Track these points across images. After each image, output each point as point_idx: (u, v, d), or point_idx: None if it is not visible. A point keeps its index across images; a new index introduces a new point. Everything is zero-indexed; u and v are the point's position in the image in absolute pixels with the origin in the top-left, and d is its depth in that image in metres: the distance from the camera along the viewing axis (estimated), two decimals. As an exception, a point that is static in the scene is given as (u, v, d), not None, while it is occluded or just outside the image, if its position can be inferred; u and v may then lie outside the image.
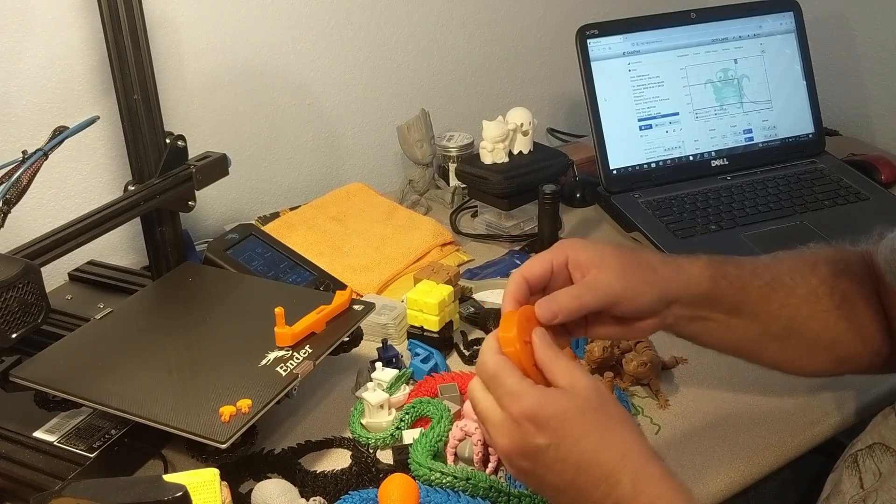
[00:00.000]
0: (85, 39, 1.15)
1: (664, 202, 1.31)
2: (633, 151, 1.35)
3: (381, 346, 0.98)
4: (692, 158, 1.38)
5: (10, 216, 0.83)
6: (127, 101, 0.98)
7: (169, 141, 1.01)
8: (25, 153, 0.85)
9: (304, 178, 1.45)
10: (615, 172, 1.34)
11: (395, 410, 0.91)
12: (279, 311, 0.85)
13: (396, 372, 0.92)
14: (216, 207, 1.36)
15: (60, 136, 0.88)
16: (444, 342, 1.02)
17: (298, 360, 0.84)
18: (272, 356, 0.85)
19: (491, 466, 0.82)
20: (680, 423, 0.91)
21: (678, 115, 1.37)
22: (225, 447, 0.74)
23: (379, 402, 0.89)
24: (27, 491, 0.78)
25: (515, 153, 1.28)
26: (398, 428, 0.87)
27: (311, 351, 0.86)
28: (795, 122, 1.43)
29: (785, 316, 0.77)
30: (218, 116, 1.32)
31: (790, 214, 1.28)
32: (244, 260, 1.08)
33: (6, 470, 0.81)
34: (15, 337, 0.79)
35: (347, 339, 0.92)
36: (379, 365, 0.95)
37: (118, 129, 1.01)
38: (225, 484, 0.75)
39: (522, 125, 1.27)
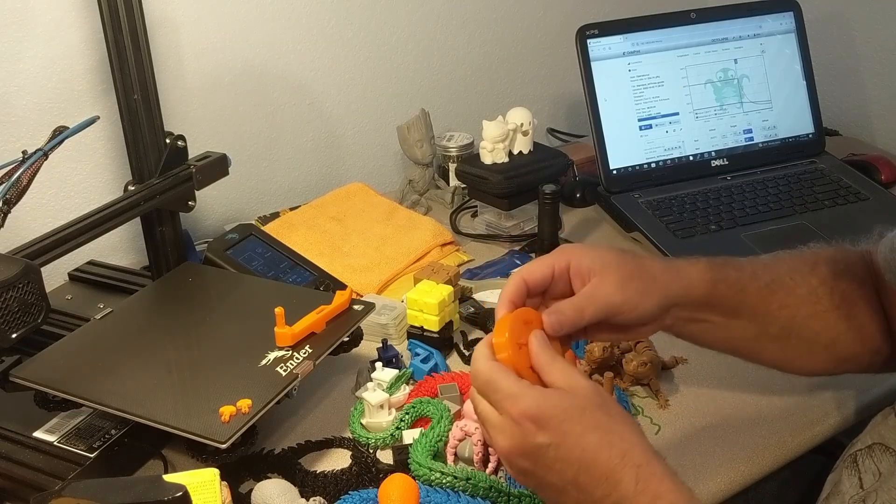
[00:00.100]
0: (85, 39, 1.15)
1: (664, 202, 1.31)
2: (633, 151, 1.34)
3: (381, 346, 0.98)
4: (692, 158, 1.38)
5: (10, 216, 0.83)
6: (127, 101, 0.98)
7: (169, 141, 1.01)
8: (25, 153, 0.85)
9: (304, 178, 1.45)
10: (615, 172, 1.34)
11: (395, 410, 0.90)
12: (279, 311, 0.85)
13: (396, 372, 0.92)
14: (216, 207, 1.36)
15: (60, 136, 0.88)
16: (444, 342, 1.02)
17: (298, 360, 0.84)
18: (272, 356, 0.85)
19: (491, 466, 0.82)
20: (680, 423, 0.91)
21: (678, 115, 1.37)
22: (225, 447, 0.74)
23: (379, 402, 0.89)
24: (27, 491, 0.78)
25: (515, 153, 1.28)
26: (398, 428, 0.87)
27: (311, 351, 0.86)
28: (795, 122, 1.43)
29: (784, 317, 0.77)
30: (218, 116, 1.32)
31: (790, 214, 1.28)
32: (244, 260, 1.08)
33: (6, 470, 0.81)
34: (15, 337, 0.79)
35: (347, 339, 0.92)
36: (379, 365, 0.95)
37: (118, 129, 1.01)
38: (225, 484, 0.75)
39: (522, 125, 1.27)
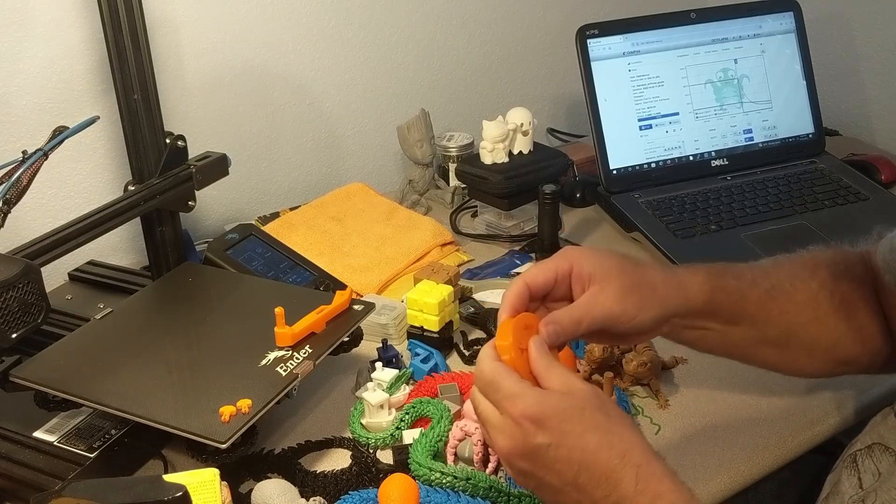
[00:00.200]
0: (85, 39, 1.15)
1: (664, 202, 1.31)
2: (633, 151, 1.34)
3: (381, 346, 0.98)
4: (692, 158, 1.38)
5: (10, 216, 0.83)
6: (127, 101, 0.98)
7: (169, 141, 1.01)
8: (25, 153, 0.85)
9: (304, 178, 1.45)
10: (615, 172, 1.34)
11: (395, 410, 0.90)
12: (279, 311, 0.85)
13: (396, 372, 0.92)
14: (216, 207, 1.36)
15: (60, 136, 0.88)
16: (444, 342, 1.02)
17: (298, 360, 0.84)
18: (272, 356, 0.85)
19: (491, 466, 0.82)
20: (680, 423, 0.91)
21: (678, 115, 1.37)
22: (225, 447, 0.74)
23: (379, 402, 0.89)
24: (27, 491, 0.78)
25: (515, 153, 1.28)
26: (398, 428, 0.87)
27: (311, 351, 0.86)
28: (795, 122, 1.43)
29: (784, 322, 0.77)
30: (218, 116, 1.32)
31: (790, 214, 1.28)
32: (244, 260, 1.08)
33: (6, 470, 0.81)
34: (15, 337, 0.79)
35: (347, 339, 0.92)
36: (379, 365, 0.95)
37: (118, 129, 1.01)
38: (225, 484, 0.75)
39: (522, 125, 1.27)
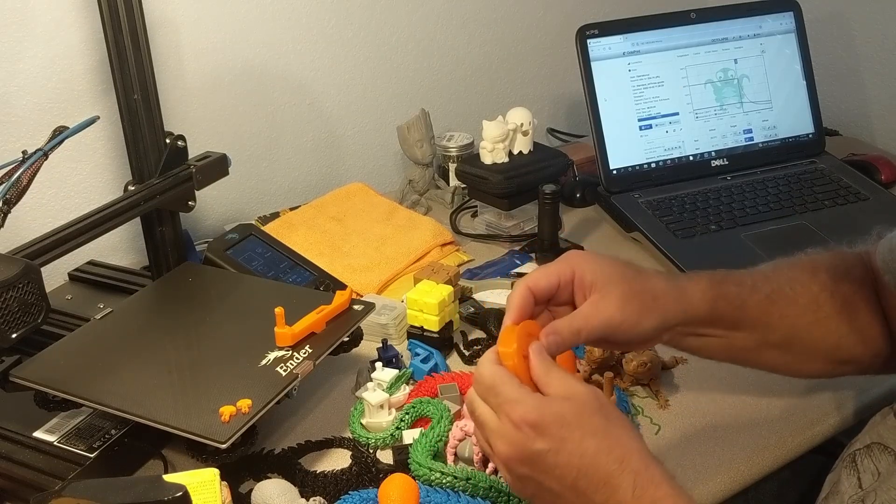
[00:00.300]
0: (85, 39, 1.15)
1: (664, 202, 1.31)
2: (633, 151, 1.34)
3: (381, 346, 0.98)
4: (692, 158, 1.38)
5: (10, 216, 0.83)
6: (127, 101, 0.98)
7: (169, 141, 1.01)
8: (25, 153, 0.85)
9: (304, 178, 1.45)
10: (615, 172, 1.33)
11: (395, 410, 0.90)
12: (279, 311, 0.85)
13: (396, 372, 0.92)
14: (216, 207, 1.36)
15: (60, 136, 0.88)
16: (444, 342, 1.02)
17: (298, 360, 0.84)
18: (272, 356, 0.85)
19: (491, 466, 0.82)
20: (680, 423, 0.91)
21: (678, 115, 1.37)
22: (225, 447, 0.74)
23: (379, 402, 0.89)
24: (27, 491, 0.78)
25: (515, 153, 1.28)
26: (398, 428, 0.87)
27: (311, 351, 0.86)
28: (795, 122, 1.43)
29: (785, 326, 0.77)
30: (218, 116, 1.32)
31: (790, 214, 1.28)
32: (244, 260, 1.08)
33: (6, 470, 0.81)
34: (15, 337, 0.79)
35: (347, 339, 0.92)
36: (379, 365, 0.95)
37: (118, 129, 1.01)
38: (225, 484, 0.75)
39: (522, 125, 1.27)
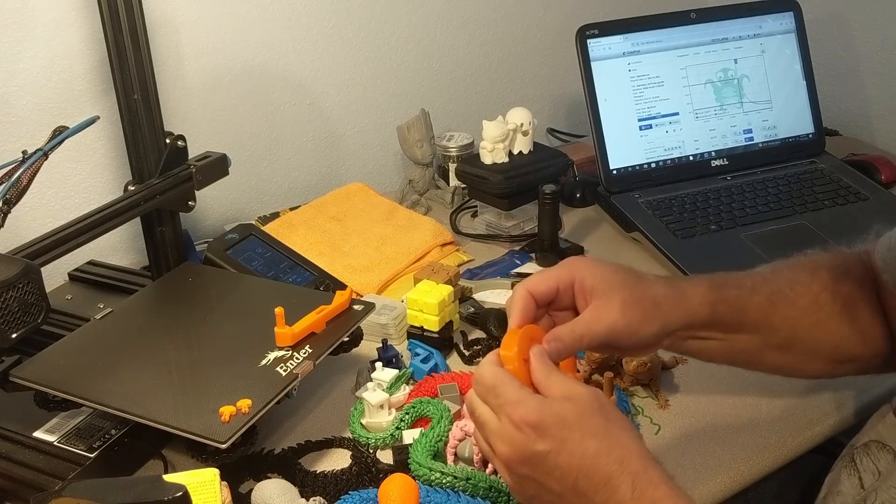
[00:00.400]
0: (85, 39, 1.15)
1: (664, 202, 1.31)
2: (633, 151, 1.34)
3: (381, 346, 0.98)
4: (692, 158, 1.38)
5: (10, 216, 0.83)
6: (127, 101, 0.98)
7: (169, 141, 1.01)
8: (25, 153, 0.85)
9: (304, 178, 1.45)
10: (615, 172, 1.33)
11: (395, 410, 0.90)
12: (279, 311, 0.85)
13: (396, 372, 0.92)
14: (216, 207, 1.36)
15: (60, 136, 0.88)
16: (444, 342, 1.02)
17: (298, 360, 0.84)
18: (272, 356, 0.85)
19: (491, 467, 0.82)
20: (680, 423, 0.91)
21: (678, 115, 1.37)
22: (225, 447, 0.74)
23: (379, 402, 0.89)
24: (27, 491, 0.78)
25: (515, 153, 1.28)
26: (398, 428, 0.87)
27: (311, 351, 0.86)
28: (795, 122, 1.43)
29: (787, 328, 0.77)
30: (218, 116, 1.32)
31: (790, 214, 1.28)
32: (244, 260, 1.08)
33: (6, 470, 0.81)
34: (15, 337, 0.79)
35: (347, 339, 0.92)
36: (379, 365, 0.95)
37: (118, 129, 1.01)
38: (225, 484, 0.75)
39: (522, 125, 1.27)
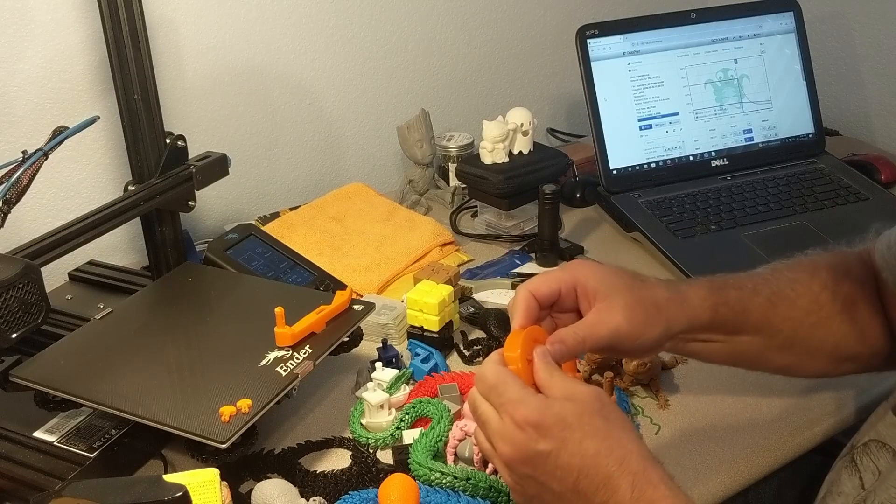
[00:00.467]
0: (85, 39, 1.15)
1: (664, 202, 1.31)
2: (633, 151, 1.34)
3: (381, 346, 0.98)
4: (692, 158, 1.38)
5: (10, 216, 0.83)
6: (127, 101, 0.98)
7: (169, 141, 1.01)
8: (25, 153, 0.85)
9: (304, 178, 1.45)
10: (615, 172, 1.33)
11: (395, 410, 0.90)
12: (279, 311, 0.85)
13: (396, 372, 0.92)
14: (216, 207, 1.36)
15: (60, 136, 0.88)
16: (444, 342, 1.02)
17: (298, 360, 0.84)
18: (272, 356, 0.85)
19: (491, 467, 0.82)
20: (680, 423, 0.91)
21: (678, 115, 1.37)
22: (225, 447, 0.74)
23: (379, 402, 0.89)
24: (27, 491, 0.78)
25: (515, 153, 1.28)
26: (398, 428, 0.87)
27: (311, 351, 0.86)
28: (795, 122, 1.43)
29: (788, 328, 0.77)
30: (218, 116, 1.32)
31: (790, 214, 1.28)
32: (244, 260, 1.08)
33: (6, 470, 0.81)
34: (15, 337, 0.79)
35: (347, 339, 0.92)
36: (379, 365, 0.95)
37: (118, 129, 1.01)
38: (225, 484, 0.75)
39: (522, 125, 1.27)
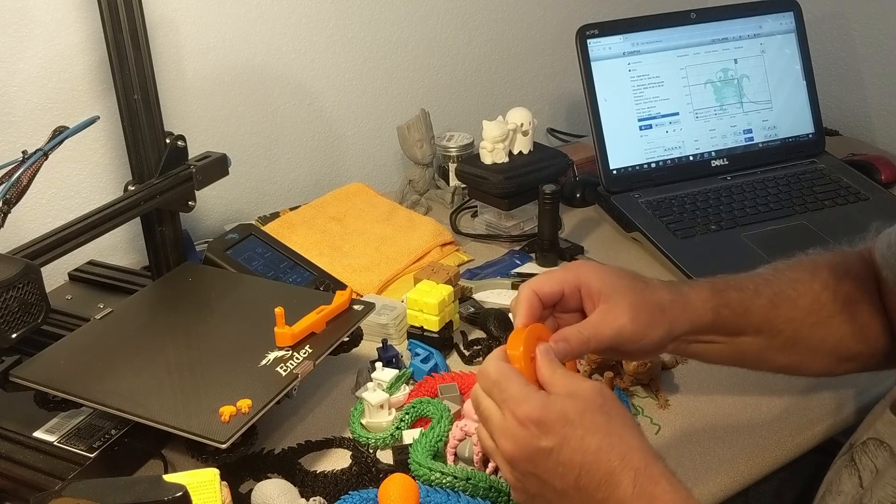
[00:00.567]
0: (85, 39, 1.15)
1: (664, 202, 1.31)
2: (633, 151, 1.34)
3: (381, 346, 0.98)
4: (692, 158, 1.38)
5: (10, 216, 0.83)
6: (127, 101, 0.98)
7: (169, 141, 1.01)
8: (25, 153, 0.85)
9: (304, 178, 1.45)
10: (615, 172, 1.33)
11: (395, 410, 0.91)
12: (279, 311, 0.85)
13: (396, 372, 0.92)
14: (216, 207, 1.36)
15: (60, 136, 0.88)
16: (444, 342, 1.02)
17: (298, 360, 0.84)
18: (272, 356, 0.85)
19: (491, 467, 0.82)
20: (680, 423, 0.91)
21: (678, 115, 1.37)
22: (225, 447, 0.74)
23: (379, 402, 0.89)
24: (27, 491, 0.78)
25: (515, 153, 1.28)
26: (398, 428, 0.87)
27: (311, 351, 0.86)
28: (795, 122, 1.43)
29: (789, 329, 0.77)
30: (218, 116, 1.32)
31: (790, 214, 1.28)
32: (244, 260, 1.08)
33: (6, 470, 0.81)
34: (15, 337, 0.79)
35: (347, 339, 0.92)
36: (379, 365, 0.95)
37: (118, 129, 1.01)
38: (225, 484, 0.75)
39: (522, 125, 1.27)
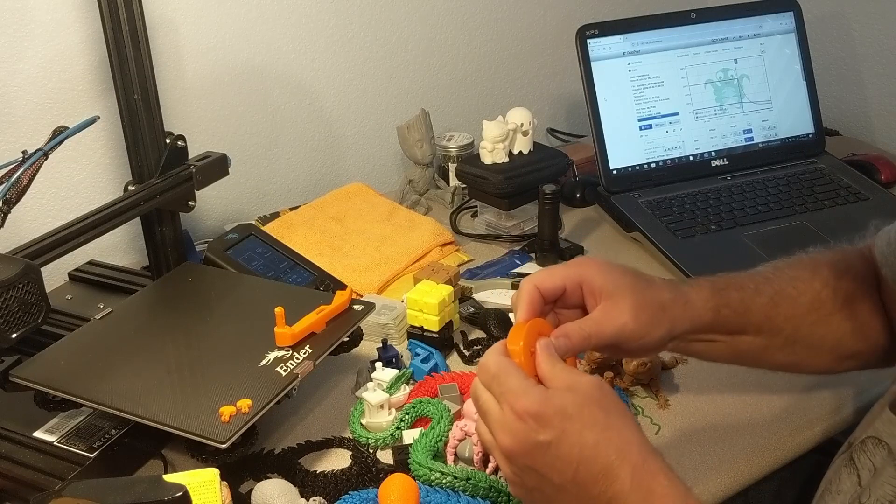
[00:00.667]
0: (85, 39, 1.15)
1: (664, 202, 1.31)
2: (633, 151, 1.34)
3: (381, 346, 0.98)
4: (692, 158, 1.38)
5: (10, 216, 0.83)
6: (127, 101, 0.98)
7: (169, 141, 1.01)
8: (25, 153, 0.85)
9: (304, 178, 1.45)
10: (615, 172, 1.34)
11: (395, 410, 0.91)
12: (279, 311, 0.85)
13: (396, 372, 0.92)
14: (216, 207, 1.36)
15: (60, 136, 0.88)
16: (444, 342, 1.02)
17: (298, 360, 0.84)
18: (272, 356, 0.85)
19: (491, 466, 0.82)
20: (680, 423, 0.91)
21: (678, 115, 1.37)
22: (225, 447, 0.74)
23: (379, 402, 0.89)
24: (27, 491, 0.78)
25: (515, 153, 1.28)
26: (398, 428, 0.87)
27: (311, 351, 0.86)
28: (795, 122, 1.43)
29: (789, 327, 0.77)
30: (218, 116, 1.32)
31: (790, 214, 1.28)
32: (244, 260, 1.08)
33: (6, 470, 0.81)
34: (15, 337, 0.79)
35: (347, 339, 0.92)
36: (379, 365, 0.95)
37: (118, 129, 1.01)
38: (225, 484, 0.75)
39: (522, 125, 1.27)
